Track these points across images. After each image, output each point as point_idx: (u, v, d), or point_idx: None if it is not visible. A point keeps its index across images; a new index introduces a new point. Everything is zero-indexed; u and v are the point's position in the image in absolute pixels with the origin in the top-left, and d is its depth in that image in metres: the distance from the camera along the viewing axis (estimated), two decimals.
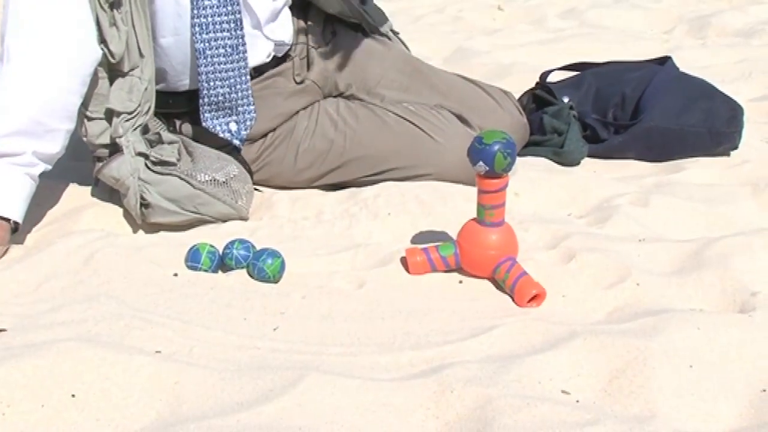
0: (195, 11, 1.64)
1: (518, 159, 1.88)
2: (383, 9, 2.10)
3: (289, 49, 1.86)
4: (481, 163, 1.38)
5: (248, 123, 1.75)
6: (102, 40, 1.60)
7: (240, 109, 1.74)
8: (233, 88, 1.71)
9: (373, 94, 1.92)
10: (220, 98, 1.71)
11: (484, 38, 3.31)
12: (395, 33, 2.12)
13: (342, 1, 1.89)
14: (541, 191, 1.81)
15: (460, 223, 1.53)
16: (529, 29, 3.53)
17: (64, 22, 1.54)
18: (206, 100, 1.71)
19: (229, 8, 1.66)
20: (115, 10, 1.60)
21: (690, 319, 1.23)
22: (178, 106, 1.78)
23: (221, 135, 1.73)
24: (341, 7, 1.91)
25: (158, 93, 1.71)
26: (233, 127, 1.74)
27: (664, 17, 3.64)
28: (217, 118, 1.73)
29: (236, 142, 1.75)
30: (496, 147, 1.36)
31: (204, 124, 1.73)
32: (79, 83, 1.57)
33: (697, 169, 1.93)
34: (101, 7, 1.58)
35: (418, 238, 1.60)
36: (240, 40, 1.70)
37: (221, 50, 1.68)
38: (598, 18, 3.66)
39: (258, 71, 1.80)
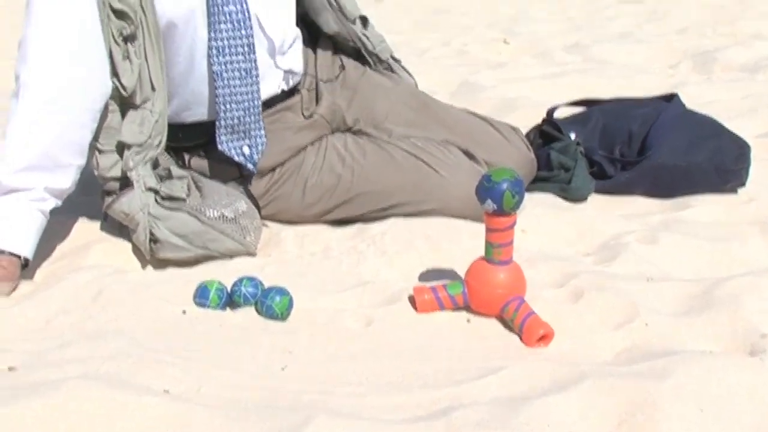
0: (212, 34, 1.66)
1: (525, 195, 1.88)
2: (388, 40, 2.11)
3: (298, 83, 1.88)
4: (489, 201, 1.38)
5: (260, 147, 1.76)
6: (114, 74, 1.62)
7: (252, 133, 1.75)
8: (247, 112, 1.73)
9: (380, 128, 1.93)
10: (236, 121, 1.72)
11: (490, 72, 3.33)
12: (396, 60, 2.13)
13: (340, 21, 1.92)
14: (549, 228, 1.81)
15: (467, 261, 1.54)
16: (534, 63, 3.55)
17: (76, 56, 1.56)
18: (222, 123, 1.72)
19: (243, 32, 1.68)
20: (128, 44, 1.61)
21: (700, 361, 1.23)
22: (187, 140, 1.80)
23: (236, 158, 1.74)
24: (339, 28, 1.94)
25: (168, 126, 1.72)
26: (246, 150, 1.75)
27: (668, 52, 3.66)
28: (231, 142, 1.74)
29: (249, 166, 1.76)
30: (505, 185, 1.37)
31: (219, 147, 1.73)
32: (90, 118, 1.58)
33: (704, 207, 1.93)
34: (115, 40, 1.59)
35: (426, 275, 1.60)
36: (253, 65, 1.71)
37: (236, 73, 1.70)
38: (602, 52, 3.68)
39: (268, 104, 1.81)
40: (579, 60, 3.59)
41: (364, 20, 2.03)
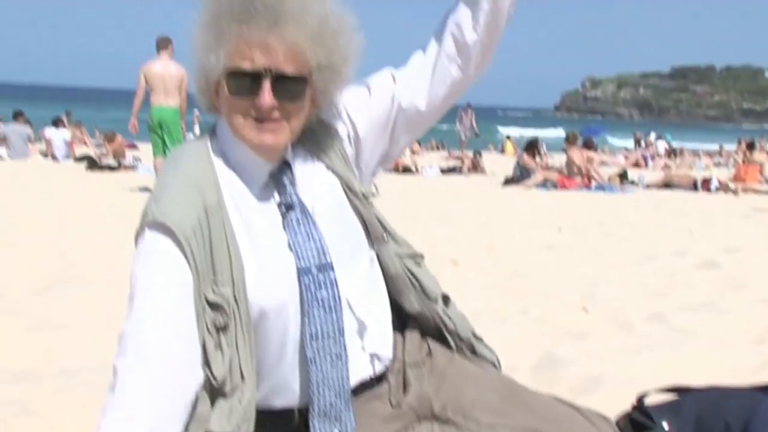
0: (306, 320, 1.69)
1: None
2: (467, 307, 2.13)
3: (386, 368, 1.88)
4: None
5: (350, 431, 1.74)
6: (206, 363, 1.64)
7: (343, 417, 1.74)
8: (338, 395, 1.72)
9: (468, 417, 1.90)
10: (328, 406, 1.71)
11: (571, 343, 3.31)
12: (477, 338, 2.13)
13: (422, 301, 1.95)
14: None
15: None
16: (615, 333, 3.53)
17: (173, 351, 1.60)
18: (315, 408, 1.71)
19: (334, 316, 1.71)
20: (221, 334, 1.65)
21: None
22: (273, 428, 1.79)
23: None
24: (421, 308, 1.96)
25: (255, 414, 1.72)
26: None
27: (753, 323, 3.61)
28: (323, 427, 1.73)
29: None
30: None
31: None
32: (183, 409, 1.60)
33: None
34: (208, 331, 1.64)
35: None
36: (342, 348, 1.73)
37: (327, 358, 1.71)
38: (684, 323, 3.65)
39: (356, 392, 1.81)
40: (661, 330, 3.56)
41: (446, 299, 2.07)
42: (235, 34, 1.57)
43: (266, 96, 1.60)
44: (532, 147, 15.11)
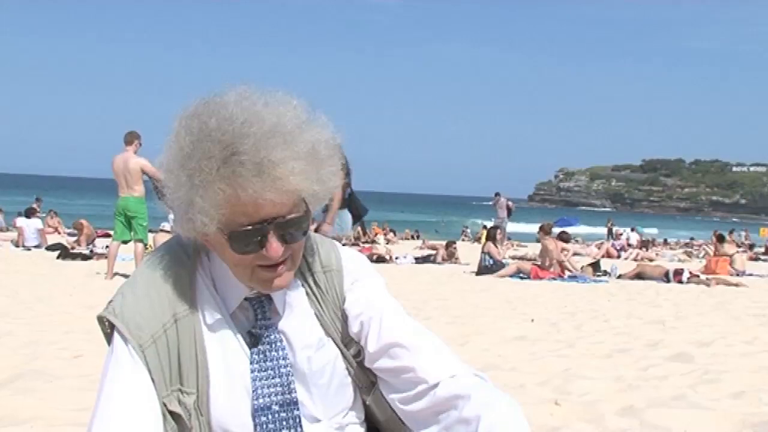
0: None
1: None
2: None
3: None
4: None
5: None
6: None
7: None
8: None
9: None
10: None
11: None
12: None
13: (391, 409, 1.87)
14: None
15: None
16: (587, 429, 3.48)
17: None
18: None
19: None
20: None
21: None
22: None
23: None
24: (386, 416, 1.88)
25: None
26: None
27: (726, 419, 3.58)
28: None
29: None
30: None
31: None
32: None
33: None
34: None
35: None
36: None
37: None
38: (657, 417, 3.61)
39: None
40: (635, 425, 3.52)
41: None
42: (229, 194, 1.44)
43: (274, 246, 1.50)
44: (494, 236, 15.38)
